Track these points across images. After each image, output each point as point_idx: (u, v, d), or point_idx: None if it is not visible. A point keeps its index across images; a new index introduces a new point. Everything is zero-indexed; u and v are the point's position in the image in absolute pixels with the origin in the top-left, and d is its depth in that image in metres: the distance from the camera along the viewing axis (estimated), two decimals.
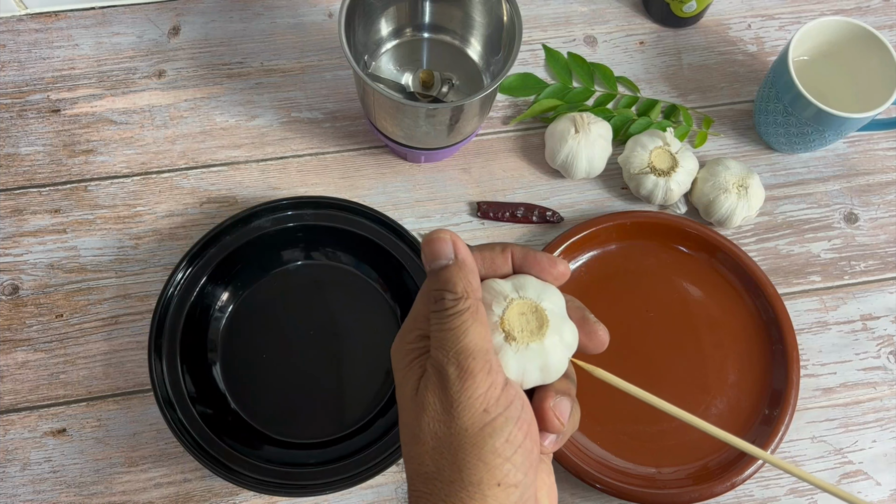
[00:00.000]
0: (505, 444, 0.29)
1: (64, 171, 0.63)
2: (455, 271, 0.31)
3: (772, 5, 0.73)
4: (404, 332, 0.33)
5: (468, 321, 0.30)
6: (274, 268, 0.60)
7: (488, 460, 0.29)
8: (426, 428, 0.30)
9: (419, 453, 0.30)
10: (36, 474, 0.55)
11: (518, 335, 0.31)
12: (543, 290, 0.33)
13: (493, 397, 0.30)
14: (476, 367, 0.29)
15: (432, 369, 0.30)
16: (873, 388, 0.61)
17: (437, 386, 0.30)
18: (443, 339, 0.30)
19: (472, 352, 0.30)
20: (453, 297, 0.30)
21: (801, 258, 0.65)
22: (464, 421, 0.29)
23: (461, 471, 0.29)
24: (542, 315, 0.32)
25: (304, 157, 0.65)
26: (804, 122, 0.61)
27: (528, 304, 0.32)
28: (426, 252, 0.32)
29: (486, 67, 0.63)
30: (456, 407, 0.29)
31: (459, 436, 0.29)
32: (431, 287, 0.31)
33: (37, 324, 0.59)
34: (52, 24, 0.68)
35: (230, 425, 0.55)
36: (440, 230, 0.32)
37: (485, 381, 0.29)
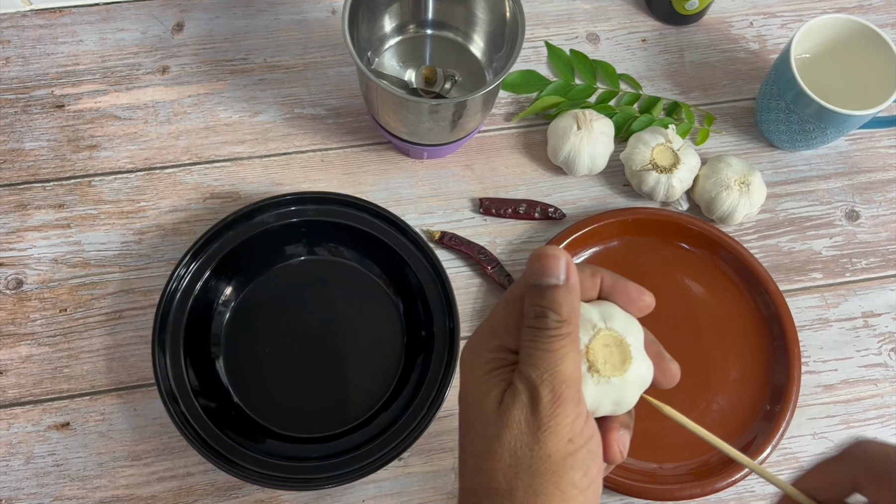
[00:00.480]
0: (583, 478, 0.29)
1: (68, 166, 0.64)
2: (564, 293, 0.30)
3: (774, 3, 0.74)
4: (483, 339, 0.32)
5: (567, 346, 0.30)
6: (277, 263, 0.61)
7: (566, 490, 0.29)
8: (507, 445, 0.29)
9: (492, 468, 0.29)
10: (39, 468, 0.55)
11: (601, 367, 0.31)
12: (628, 323, 0.32)
13: (578, 428, 0.29)
14: (569, 394, 0.29)
15: (523, 386, 0.29)
16: (874, 385, 0.61)
17: (527, 406, 0.29)
18: (539, 358, 0.29)
19: (567, 378, 0.29)
20: (557, 318, 0.30)
21: (802, 255, 0.65)
22: (549, 447, 0.29)
23: (537, 495, 0.29)
24: (626, 349, 0.31)
25: (307, 153, 0.65)
26: (806, 119, 0.61)
27: (613, 337, 0.32)
28: (536, 266, 0.31)
29: (488, 64, 0.63)
30: (544, 431, 0.29)
31: (542, 461, 0.29)
32: (534, 303, 0.30)
33: (41, 318, 0.59)
34: (56, 20, 0.68)
35: (233, 419, 0.55)
36: (554, 247, 0.31)
37: (574, 411, 0.29)
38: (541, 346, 0.30)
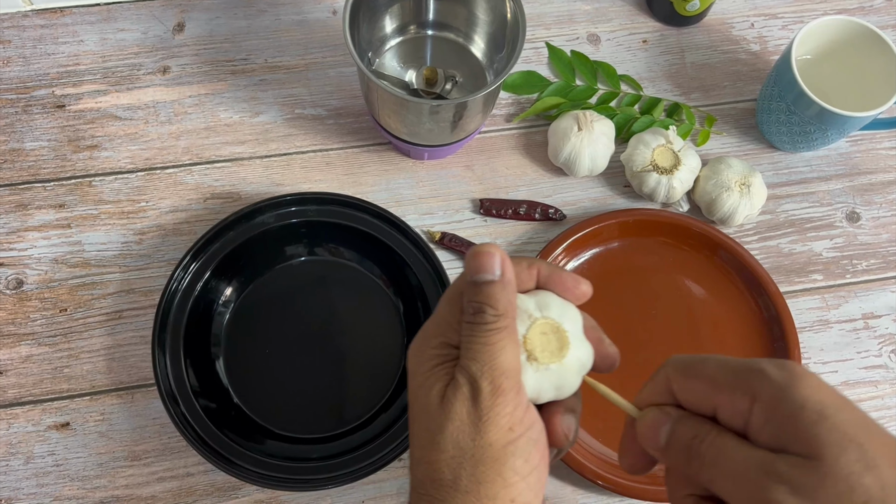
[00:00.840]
0: (524, 464, 0.30)
1: (68, 166, 0.64)
2: (499, 288, 0.31)
3: (775, 4, 0.74)
4: (427, 337, 0.33)
5: (505, 339, 0.31)
6: (277, 263, 0.61)
7: (507, 477, 0.30)
8: (449, 437, 0.30)
9: (436, 460, 0.30)
10: (39, 468, 0.55)
11: (539, 355, 0.32)
12: (565, 310, 0.33)
13: (518, 417, 0.30)
14: (508, 385, 0.30)
15: (464, 380, 0.30)
16: (874, 387, 0.61)
17: (469, 398, 0.30)
18: (478, 352, 0.30)
19: (506, 370, 0.30)
20: (494, 313, 0.31)
21: (802, 257, 0.65)
22: (490, 436, 0.30)
23: (480, 484, 0.30)
24: (564, 336, 0.32)
25: (307, 153, 0.65)
26: (807, 120, 0.61)
27: (550, 325, 0.32)
28: (472, 264, 0.32)
29: (489, 65, 0.63)
30: (485, 422, 0.30)
31: (483, 449, 0.30)
32: (472, 298, 0.31)
33: (41, 318, 0.59)
34: (57, 20, 0.68)
35: (233, 420, 0.55)
36: (490, 244, 0.32)
37: (513, 401, 0.30)
38: (479, 340, 0.31)
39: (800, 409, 0.26)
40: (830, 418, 0.26)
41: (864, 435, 0.26)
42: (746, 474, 0.27)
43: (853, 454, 0.25)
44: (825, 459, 0.25)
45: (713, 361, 0.30)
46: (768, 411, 0.27)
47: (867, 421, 0.27)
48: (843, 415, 0.26)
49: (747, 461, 0.27)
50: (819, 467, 0.25)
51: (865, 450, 0.25)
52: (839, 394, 0.28)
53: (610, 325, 0.60)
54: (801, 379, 0.27)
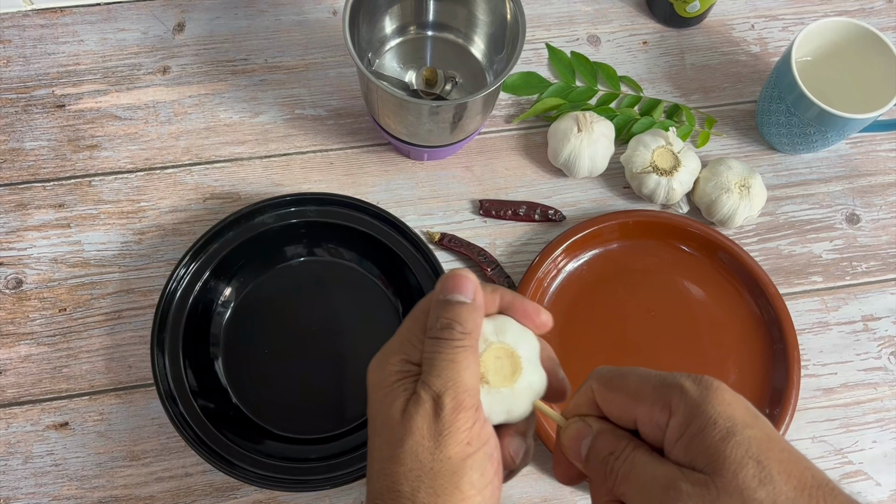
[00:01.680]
0: (480, 478, 0.31)
1: (68, 166, 0.64)
2: (470, 310, 0.33)
3: (775, 6, 0.74)
4: (388, 353, 0.34)
5: (469, 357, 0.32)
6: (277, 264, 0.61)
7: (464, 490, 0.31)
8: (409, 450, 0.31)
9: (395, 472, 0.31)
10: (38, 467, 0.55)
11: (491, 378, 0.33)
12: (521, 337, 0.34)
13: (476, 432, 0.31)
14: (469, 402, 0.31)
15: (426, 395, 0.31)
16: (874, 389, 0.61)
17: (430, 413, 0.31)
18: (442, 368, 0.31)
19: (468, 387, 0.31)
20: (462, 330, 0.32)
21: (802, 258, 0.65)
22: (449, 450, 0.31)
23: (437, 496, 0.30)
24: (517, 361, 0.33)
25: (307, 153, 0.65)
26: (807, 122, 0.61)
27: (504, 350, 0.33)
28: (448, 284, 0.33)
29: (489, 66, 0.63)
30: (445, 436, 0.31)
31: (442, 463, 0.31)
32: (441, 315, 0.32)
33: (40, 318, 0.59)
34: (57, 20, 0.69)
35: (231, 420, 0.55)
36: (466, 270, 0.34)
37: (472, 416, 0.31)
38: (445, 356, 0.32)
39: (711, 426, 0.28)
40: (737, 435, 0.27)
41: (765, 451, 0.27)
42: (653, 491, 0.29)
43: (751, 470, 0.27)
44: (724, 475, 0.27)
45: (634, 375, 0.31)
46: (682, 426, 0.29)
47: (772, 437, 0.28)
48: (749, 431, 0.28)
49: (654, 479, 0.29)
50: (717, 483, 0.27)
51: (763, 465, 0.27)
52: (751, 409, 0.29)
53: (609, 327, 0.60)
54: (715, 394, 0.29)
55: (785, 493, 0.26)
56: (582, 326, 0.60)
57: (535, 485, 0.57)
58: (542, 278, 0.61)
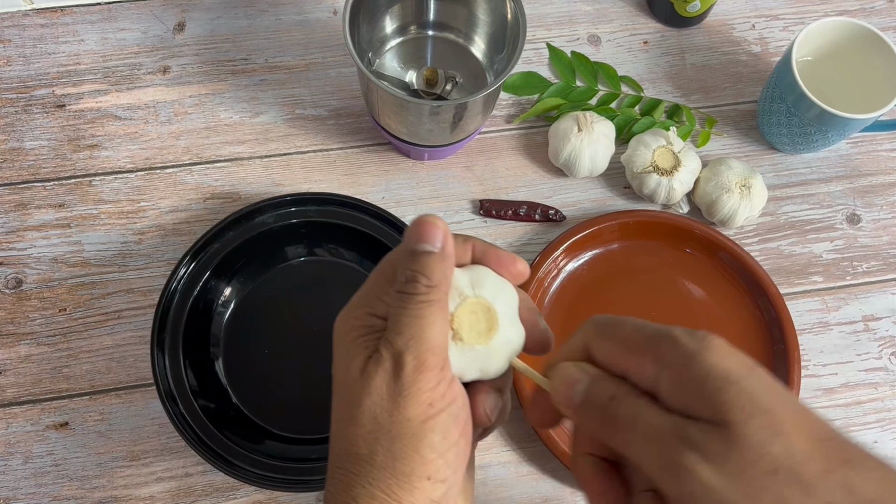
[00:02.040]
0: (442, 441, 0.29)
1: (68, 165, 0.64)
2: (437, 260, 0.30)
3: (776, 6, 0.74)
4: (353, 307, 0.32)
5: (435, 313, 0.30)
6: (277, 263, 0.61)
7: (424, 453, 0.29)
8: (367, 411, 0.29)
9: (353, 434, 0.30)
10: (38, 467, 0.55)
11: (465, 335, 0.31)
12: (500, 290, 0.32)
13: (439, 393, 0.29)
14: (433, 361, 0.29)
15: (387, 354, 0.29)
16: (875, 389, 0.61)
17: (390, 372, 0.29)
18: (406, 324, 0.29)
19: (433, 345, 0.29)
20: (427, 283, 0.30)
21: (803, 259, 0.65)
22: (409, 411, 0.29)
23: (395, 459, 0.29)
24: (493, 317, 0.31)
25: (307, 153, 0.65)
26: (807, 122, 0.61)
27: (480, 304, 0.32)
28: (414, 232, 0.31)
29: (489, 66, 0.63)
30: (405, 397, 0.29)
31: (401, 425, 0.29)
32: (407, 267, 0.30)
33: (40, 318, 0.59)
34: (57, 20, 0.68)
35: (232, 420, 0.55)
36: (434, 216, 0.31)
37: (436, 377, 0.29)
38: (409, 311, 0.29)
39: (705, 376, 0.26)
40: (736, 384, 0.26)
41: (772, 401, 0.26)
42: (661, 438, 0.27)
43: (761, 420, 0.25)
44: (733, 426, 0.25)
45: (630, 323, 0.30)
46: (675, 378, 0.27)
47: (775, 387, 0.26)
48: (749, 381, 0.26)
49: (662, 426, 0.27)
50: (727, 434, 0.25)
51: (773, 416, 0.25)
52: (748, 361, 0.27)
53: None
54: (709, 347, 0.27)
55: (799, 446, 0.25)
56: None
57: (535, 485, 0.57)
58: (543, 278, 0.61)
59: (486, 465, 0.57)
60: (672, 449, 0.26)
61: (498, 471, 0.57)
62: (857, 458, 0.25)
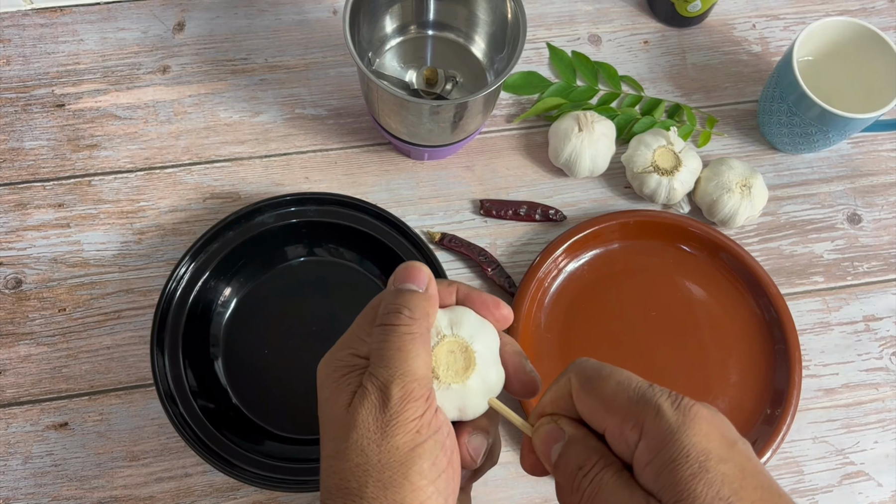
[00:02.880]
0: (431, 467, 0.29)
1: (68, 165, 0.63)
2: (420, 298, 0.32)
3: (777, 6, 0.73)
4: (335, 350, 0.33)
5: (419, 346, 0.30)
6: (277, 264, 0.60)
7: (414, 481, 0.29)
8: (354, 443, 0.30)
9: (342, 469, 0.30)
10: (38, 467, 0.55)
11: (442, 374, 0.31)
12: (479, 330, 0.33)
13: (426, 420, 0.30)
14: (419, 392, 0.30)
15: (373, 387, 0.30)
16: (875, 389, 0.61)
17: (376, 405, 0.30)
18: (390, 357, 0.30)
19: (418, 377, 0.30)
20: (410, 315, 0.31)
21: (804, 259, 0.64)
22: (397, 440, 0.29)
23: (386, 489, 0.29)
24: (471, 356, 0.32)
25: (307, 153, 0.65)
26: (808, 122, 0.61)
27: (458, 344, 0.32)
28: (401, 274, 0.32)
29: (490, 65, 0.63)
30: (392, 426, 0.29)
31: (390, 454, 0.29)
32: (391, 302, 0.31)
33: (40, 318, 0.59)
34: (57, 20, 0.68)
35: (231, 420, 0.55)
36: (420, 263, 0.33)
37: (422, 406, 0.30)
38: (392, 344, 0.30)
39: (683, 458, 0.26)
40: (710, 472, 0.26)
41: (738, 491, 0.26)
42: None
43: None
44: None
45: (614, 381, 0.30)
46: (653, 452, 0.27)
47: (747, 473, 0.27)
48: (723, 467, 0.26)
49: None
50: None
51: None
52: (728, 438, 0.27)
53: (610, 327, 0.60)
54: (692, 423, 0.27)
55: None
56: (583, 327, 0.60)
57: (535, 485, 0.57)
58: (543, 278, 0.61)
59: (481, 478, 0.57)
60: None
61: (498, 471, 0.57)
62: None
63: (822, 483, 0.58)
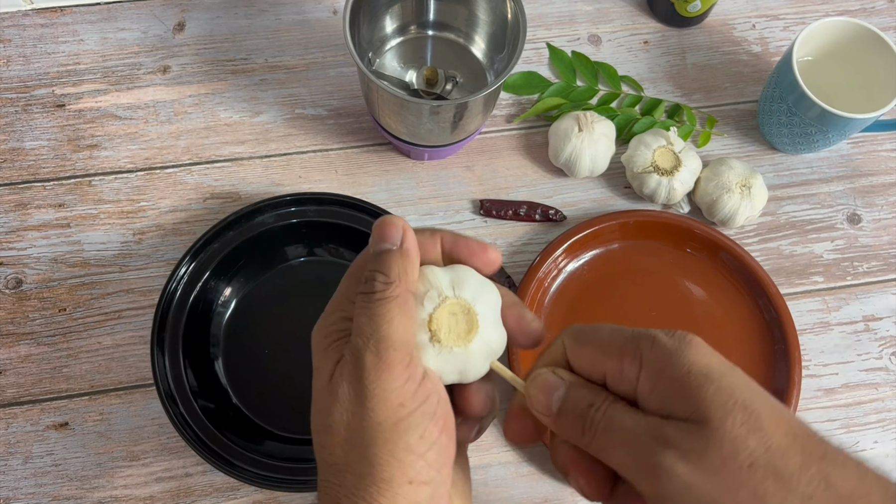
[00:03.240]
0: (419, 441, 0.28)
1: (68, 165, 0.63)
2: (395, 257, 0.30)
3: (776, 6, 0.73)
4: (327, 313, 0.32)
5: (394, 310, 0.29)
6: (277, 264, 0.60)
7: (401, 457, 0.28)
8: (338, 418, 0.28)
9: (330, 444, 0.29)
10: (38, 467, 0.55)
11: (444, 337, 0.30)
12: (481, 291, 0.31)
13: (409, 391, 0.28)
14: (395, 358, 0.28)
15: (350, 356, 0.29)
16: (875, 389, 0.61)
17: (352, 374, 0.28)
18: (364, 324, 0.29)
19: (394, 342, 0.28)
20: (384, 280, 0.29)
21: (803, 259, 0.64)
22: (378, 415, 0.28)
23: (372, 466, 0.28)
24: (473, 319, 0.31)
25: (307, 153, 0.65)
26: (808, 122, 0.61)
27: (461, 305, 0.31)
28: (375, 235, 0.31)
29: (490, 65, 0.63)
30: (370, 399, 0.28)
31: (372, 430, 0.28)
32: (369, 267, 0.30)
33: (40, 318, 0.59)
34: (57, 20, 0.68)
35: (232, 420, 0.55)
36: (394, 216, 0.31)
37: (402, 374, 0.28)
38: (367, 311, 0.29)
39: (685, 374, 0.26)
40: (716, 381, 0.26)
41: (750, 398, 0.26)
42: (637, 441, 0.26)
43: (738, 416, 0.25)
44: (711, 423, 0.25)
45: (607, 329, 0.29)
46: (655, 377, 0.27)
47: (753, 385, 0.26)
48: (728, 378, 0.26)
49: (637, 428, 0.27)
50: (705, 430, 0.25)
51: (751, 412, 0.25)
52: (726, 361, 0.27)
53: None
54: (689, 345, 0.27)
55: (776, 441, 0.25)
56: None
57: (535, 485, 0.57)
58: (543, 278, 0.61)
59: (486, 466, 0.57)
60: (649, 450, 0.26)
61: (498, 471, 0.57)
62: (834, 454, 0.26)
63: None
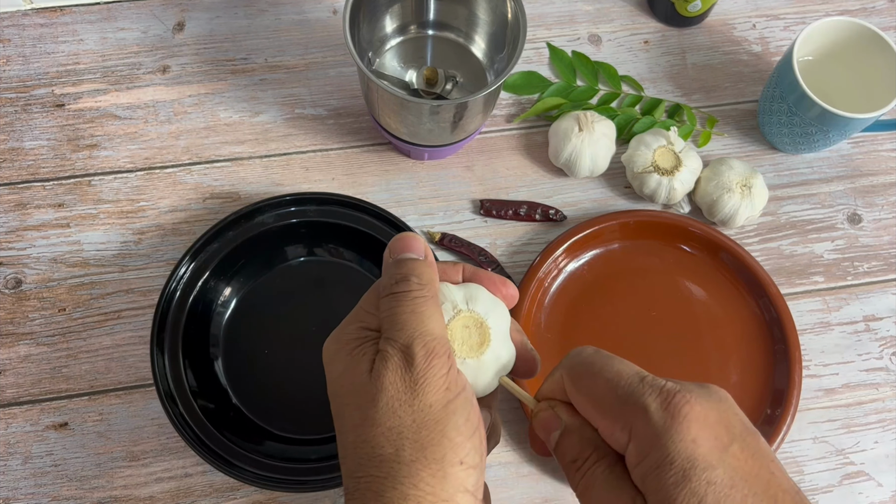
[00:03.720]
0: (466, 423, 0.29)
1: (68, 165, 0.63)
2: (424, 264, 0.32)
3: (777, 5, 0.73)
4: (343, 326, 0.33)
5: (432, 307, 0.31)
6: (277, 263, 0.60)
7: (452, 437, 0.29)
8: (385, 407, 0.29)
9: (374, 435, 0.29)
10: (37, 468, 0.55)
11: (457, 348, 0.31)
12: (493, 307, 0.33)
13: (453, 377, 0.30)
14: (440, 349, 0.30)
15: (393, 349, 0.30)
16: (875, 389, 0.61)
17: (401, 366, 0.29)
18: (405, 321, 0.30)
19: (437, 336, 0.30)
20: (419, 282, 0.31)
21: (804, 259, 0.64)
22: (429, 397, 0.29)
23: (424, 448, 0.28)
24: (486, 332, 0.32)
25: (307, 153, 0.65)
26: (808, 122, 0.61)
27: (474, 319, 0.32)
28: (397, 245, 0.32)
29: (490, 65, 0.63)
30: (422, 384, 0.29)
31: (424, 412, 0.29)
32: (396, 272, 0.32)
33: (39, 318, 0.59)
34: (57, 19, 0.68)
35: (231, 420, 0.55)
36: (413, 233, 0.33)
37: (447, 363, 0.30)
38: (406, 308, 0.30)
39: (668, 465, 0.26)
40: (693, 481, 0.26)
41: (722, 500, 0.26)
42: None
43: None
44: None
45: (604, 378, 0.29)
46: (640, 453, 0.27)
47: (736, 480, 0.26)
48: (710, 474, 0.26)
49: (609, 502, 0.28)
50: None
51: None
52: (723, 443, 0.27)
53: (610, 327, 0.60)
54: (679, 426, 0.27)
55: None
56: (583, 327, 0.60)
57: (535, 485, 0.57)
58: (543, 278, 0.60)
59: (486, 466, 0.57)
60: None
61: (498, 471, 0.57)
62: None
63: (823, 483, 0.58)
